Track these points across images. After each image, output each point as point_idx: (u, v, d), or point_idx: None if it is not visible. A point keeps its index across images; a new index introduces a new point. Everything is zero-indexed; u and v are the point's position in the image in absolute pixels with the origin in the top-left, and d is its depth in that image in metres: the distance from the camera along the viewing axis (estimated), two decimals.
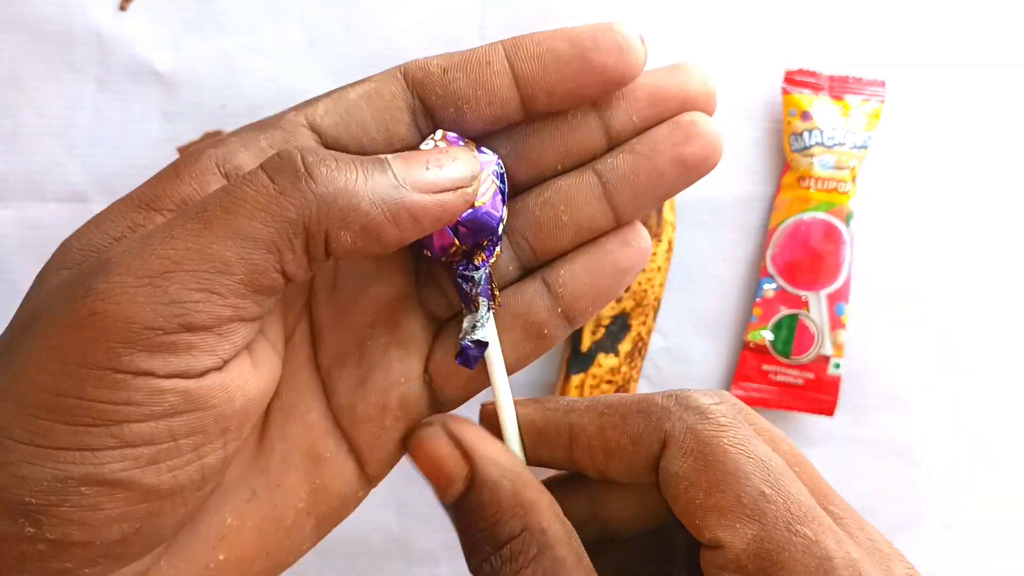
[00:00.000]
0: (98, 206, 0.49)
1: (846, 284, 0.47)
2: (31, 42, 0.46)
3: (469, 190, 0.23)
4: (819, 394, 0.47)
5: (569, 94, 0.24)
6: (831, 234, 0.47)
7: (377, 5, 0.48)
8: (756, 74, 0.48)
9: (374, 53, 0.47)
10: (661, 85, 0.25)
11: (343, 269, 0.26)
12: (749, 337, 0.48)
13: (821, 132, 0.47)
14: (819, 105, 0.47)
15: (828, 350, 0.47)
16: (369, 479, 0.27)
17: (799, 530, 0.21)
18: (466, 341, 0.25)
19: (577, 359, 0.46)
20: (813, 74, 0.48)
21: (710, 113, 0.25)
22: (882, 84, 0.48)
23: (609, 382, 0.46)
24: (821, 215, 0.47)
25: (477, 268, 0.25)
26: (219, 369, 0.21)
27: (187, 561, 0.23)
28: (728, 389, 0.48)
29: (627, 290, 0.45)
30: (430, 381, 0.26)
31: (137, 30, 0.47)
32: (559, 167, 0.26)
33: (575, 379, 0.46)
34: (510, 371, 0.26)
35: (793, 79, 0.48)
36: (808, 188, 0.47)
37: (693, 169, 0.25)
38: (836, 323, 0.47)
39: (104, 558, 0.21)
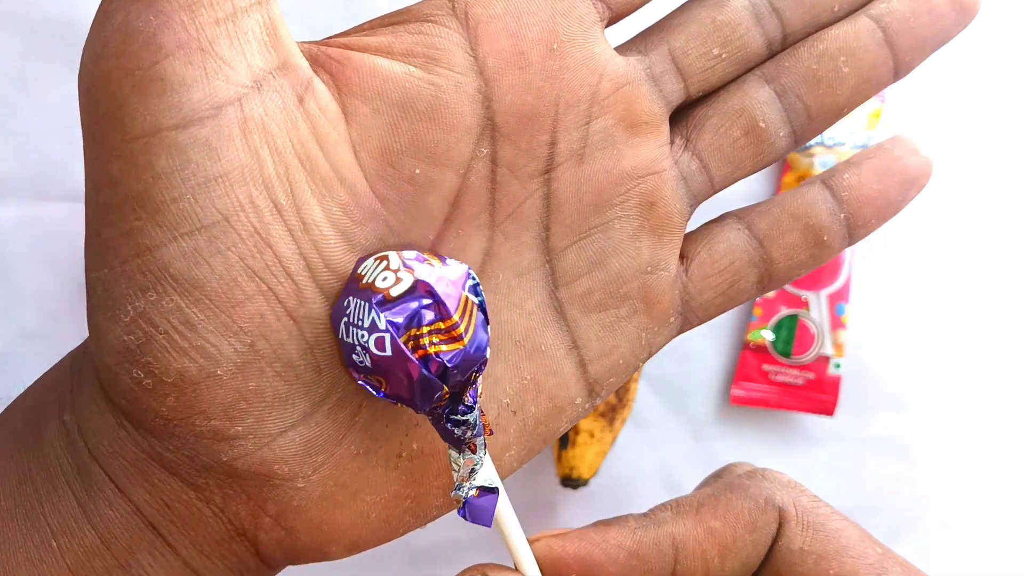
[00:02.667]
0: None
1: (846, 284, 0.47)
2: (33, 40, 0.46)
3: None
4: (819, 394, 0.47)
5: None
6: None
7: (377, 5, 0.48)
8: None
9: None
10: None
11: (593, 133, 0.23)
12: (749, 337, 0.48)
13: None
14: None
15: (828, 350, 0.47)
16: (590, 387, 0.24)
17: None
18: (468, 492, 0.21)
19: None
20: None
21: None
22: None
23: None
24: None
25: (470, 408, 0.20)
26: None
27: (376, 443, 0.22)
28: (728, 389, 0.48)
29: None
30: (685, 277, 0.24)
31: None
32: (835, 8, 0.24)
33: None
34: (787, 281, 0.24)
35: None
36: None
37: (968, 11, 0.23)
38: (836, 323, 0.47)
39: (246, 411, 0.20)
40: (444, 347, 0.20)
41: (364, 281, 0.20)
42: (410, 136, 0.21)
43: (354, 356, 0.20)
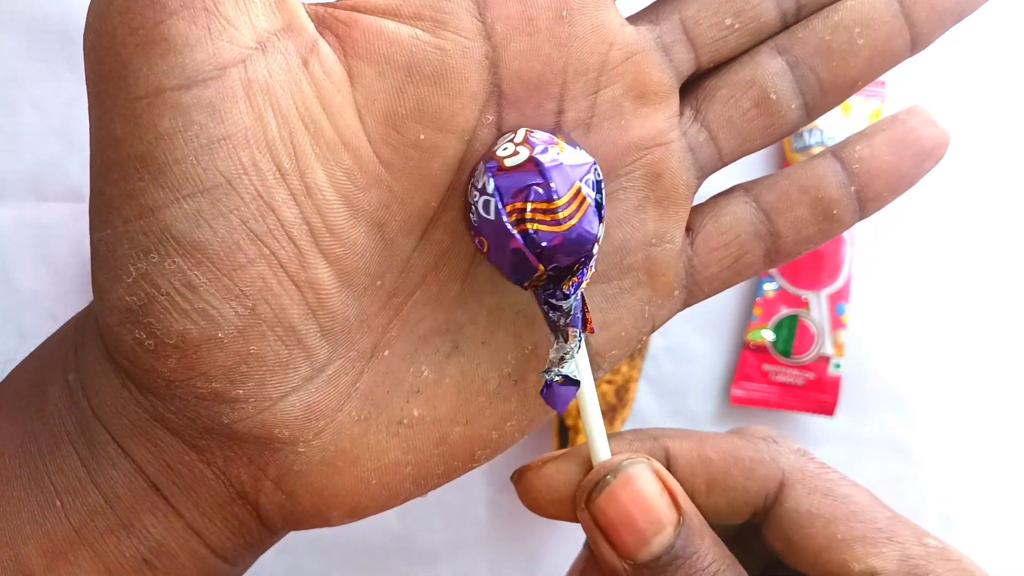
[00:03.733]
0: None
1: (847, 284, 0.47)
2: (31, 40, 0.46)
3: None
4: (820, 394, 0.47)
5: None
6: None
7: None
8: None
9: None
10: None
11: (600, 102, 0.22)
12: (749, 337, 0.48)
13: (822, 132, 0.47)
14: None
15: (829, 350, 0.47)
16: (592, 358, 0.24)
17: (928, 542, 0.22)
18: (552, 376, 0.21)
19: None
20: None
21: None
22: (882, 84, 0.48)
23: (609, 382, 0.46)
24: None
25: (567, 296, 0.21)
26: None
27: (378, 409, 0.22)
28: (728, 389, 0.48)
29: None
30: (691, 250, 0.24)
31: None
32: None
33: None
34: (795, 256, 0.24)
35: None
36: None
37: None
38: (837, 323, 0.47)
39: (247, 375, 0.20)
40: (544, 227, 0.20)
41: (492, 148, 0.21)
42: (415, 101, 0.21)
43: (470, 214, 0.21)
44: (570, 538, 0.48)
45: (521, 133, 0.21)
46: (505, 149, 0.21)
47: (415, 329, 0.22)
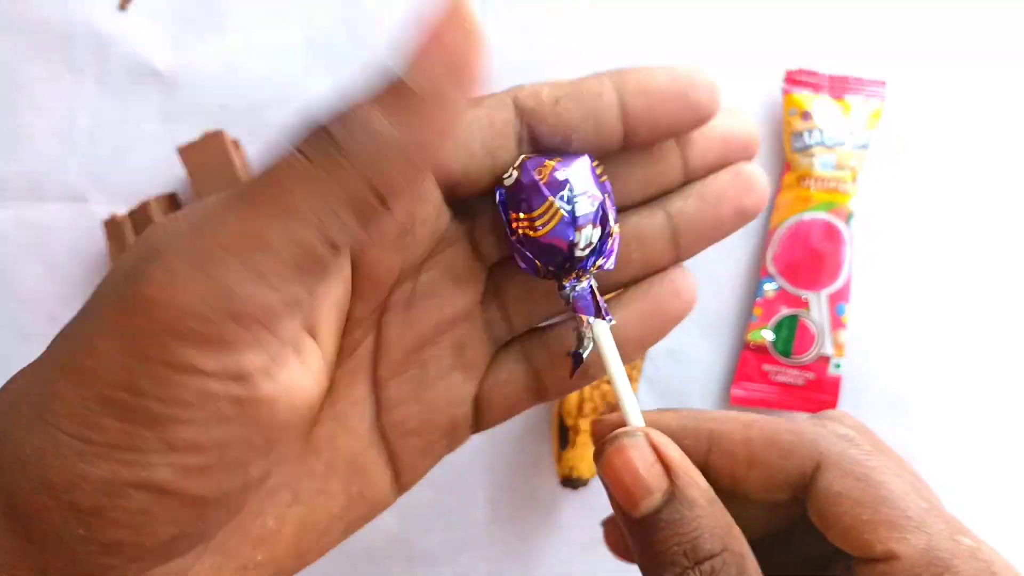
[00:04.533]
0: (97, 206, 0.49)
1: (847, 284, 0.47)
2: (31, 42, 0.46)
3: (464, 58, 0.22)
4: (819, 394, 0.47)
5: (667, 129, 0.25)
6: (831, 234, 0.47)
7: (377, 5, 0.48)
8: (756, 74, 0.48)
9: (375, 53, 0.47)
10: (730, 126, 0.27)
11: (420, 288, 0.26)
12: (749, 337, 0.48)
13: (821, 132, 0.47)
14: (819, 105, 0.47)
15: (829, 350, 0.47)
16: (400, 488, 0.27)
17: (961, 540, 0.23)
18: (574, 351, 0.26)
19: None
20: (813, 74, 0.48)
21: (755, 155, 0.27)
22: (882, 84, 0.48)
23: (610, 382, 0.46)
24: (821, 215, 0.47)
25: (563, 287, 0.25)
26: (269, 375, 0.21)
27: (228, 559, 0.24)
28: (728, 389, 0.48)
29: None
30: (477, 405, 0.27)
31: (137, 30, 0.47)
32: (640, 198, 0.27)
33: None
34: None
35: (793, 79, 0.48)
36: (808, 188, 0.47)
37: (748, 217, 0.27)
38: (837, 323, 0.47)
39: (150, 555, 0.21)
40: (530, 233, 0.25)
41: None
42: None
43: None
44: (570, 538, 0.48)
45: (520, 159, 0.25)
46: (506, 173, 0.25)
47: (263, 487, 0.24)
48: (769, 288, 0.48)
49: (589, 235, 0.25)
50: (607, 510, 0.27)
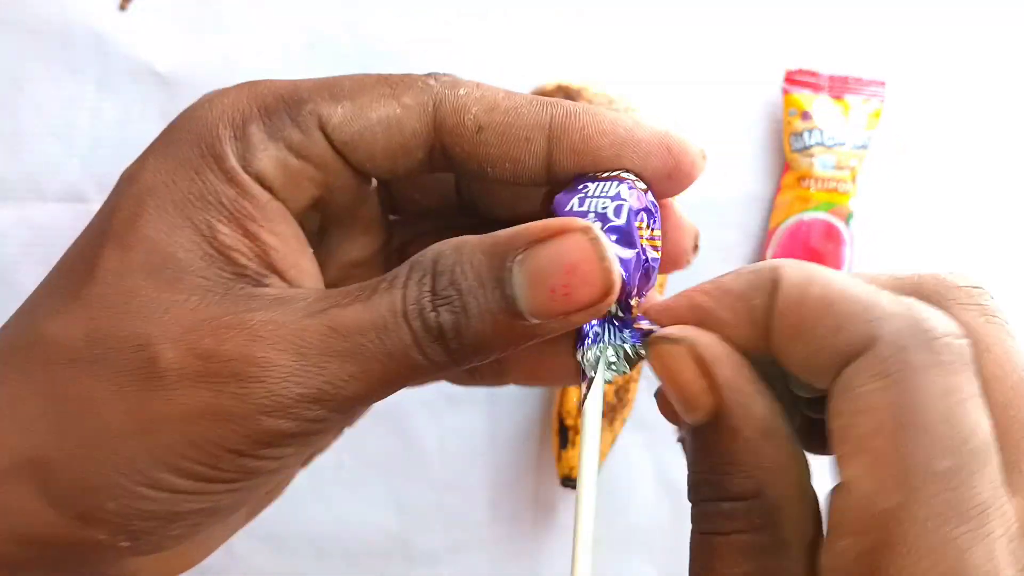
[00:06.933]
0: (98, 206, 0.49)
1: None
2: (31, 42, 0.46)
3: (603, 308, 0.21)
4: None
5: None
6: (831, 234, 0.47)
7: (378, 5, 0.48)
8: (756, 74, 0.48)
9: (374, 53, 0.47)
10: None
11: (334, 233, 0.26)
12: None
13: (821, 132, 0.47)
14: (819, 105, 0.47)
15: None
16: None
17: (948, 532, 0.17)
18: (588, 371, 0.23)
19: None
20: (813, 74, 0.48)
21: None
22: (882, 84, 0.48)
23: (608, 382, 0.46)
24: (821, 215, 0.47)
25: (627, 319, 0.23)
26: None
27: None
28: None
29: None
30: None
31: (137, 30, 0.47)
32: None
33: None
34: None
35: (793, 79, 0.48)
36: (808, 188, 0.47)
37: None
38: None
39: (159, 551, 0.22)
40: (651, 248, 0.23)
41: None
42: None
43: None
44: (570, 539, 0.48)
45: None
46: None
47: None
48: None
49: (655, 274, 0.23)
50: (606, 510, 0.27)
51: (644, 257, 0.22)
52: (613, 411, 0.46)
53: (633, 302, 0.23)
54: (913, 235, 0.49)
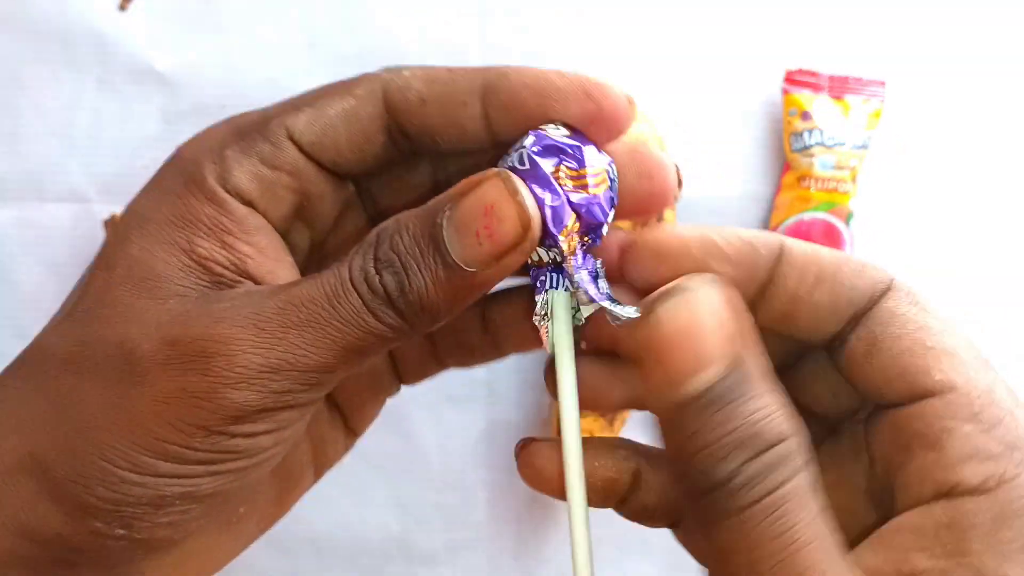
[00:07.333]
0: (98, 206, 0.49)
1: None
2: (31, 42, 0.46)
3: (527, 244, 0.22)
4: None
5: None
6: (831, 234, 0.47)
7: (378, 5, 0.48)
8: (756, 74, 0.48)
9: (374, 53, 0.47)
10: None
11: (328, 251, 0.27)
12: None
13: (821, 132, 0.47)
14: (819, 105, 0.47)
15: None
16: (353, 435, 0.30)
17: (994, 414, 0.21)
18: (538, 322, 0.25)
19: None
20: (813, 74, 0.48)
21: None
22: (882, 84, 0.48)
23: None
24: (821, 215, 0.47)
25: (574, 253, 0.24)
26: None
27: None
28: None
29: None
30: (391, 355, 0.29)
31: (137, 30, 0.47)
32: None
33: None
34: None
35: (793, 79, 0.48)
36: (808, 188, 0.47)
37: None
38: None
39: (162, 548, 0.23)
40: (579, 186, 0.23)
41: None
42: None
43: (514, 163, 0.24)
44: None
45: (523, 141, 0.23)
46: (507, 159, 0.24)
47: None
48: None
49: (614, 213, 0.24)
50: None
51: (565, 197, 0.23)
52: (613, 411, 0.46)
53: (586, 242, 0.24)
54: (913, 235, 0.49)
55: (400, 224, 0.22)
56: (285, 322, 0.21)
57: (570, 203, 0.23)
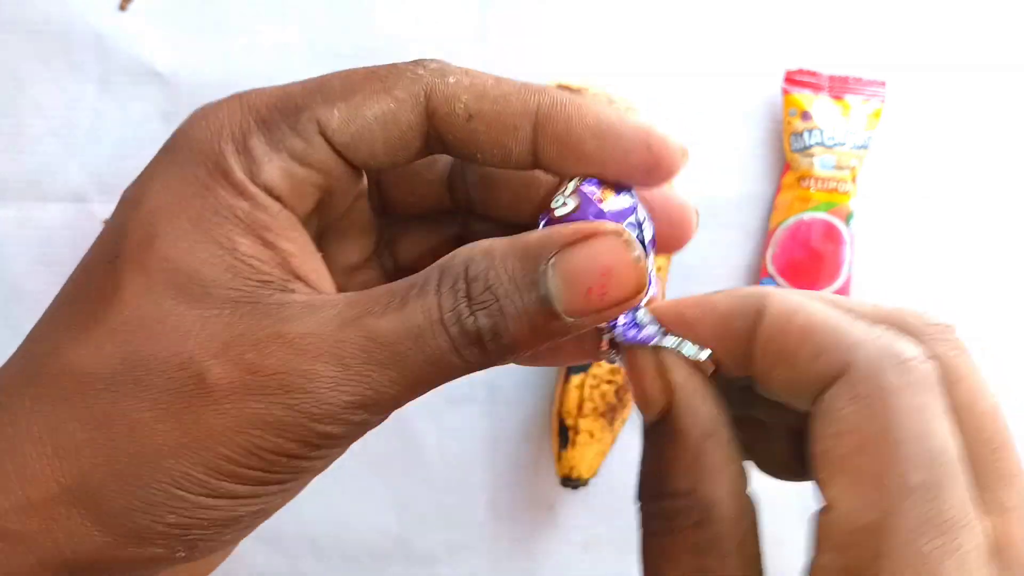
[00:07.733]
0: (98, 206, 0.49)
1: (846, 284, 0.47)
2: (32, 42, 0.46)
3: (635, 303, 0.21)
4: None
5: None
6: (831, 234, 0.47)
7: (377, 5, 0.48)
8: (756, 74, 0.48)
9: (374, 53, 0.47)
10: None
11: (333, 236, 0.27)
12: None
13: (821, 132, 0.47)
14: (819, 105, 0.47)
15: None
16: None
17: (923, 546, 0.18)
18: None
19: None
20: (813, 74, 0.48)
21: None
22: (882, 84, 0.48)
23: (609, 382, 0.46)
24: (821, 215, 0.47)
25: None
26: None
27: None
28: None
29: None
30: None
31: (137, 30, 0.47)
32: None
33: (575, 379, 0.46)
34: None
35: (793, 79, 0.48)
36: (808, 188, 0.47)
37: None
38: None
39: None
40: None
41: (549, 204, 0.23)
42: None
43: None
44: (570, 538, 0.48)
45: (572, 185, 0.23)
46: (557, 201, 0.23)
47: None
48: None
49: (652, 262, 0.23)
50: (606, 510, 0.27)
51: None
52: (613, 411, 0.46)
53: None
54: (913, 235, 0.49)
55: (495, 260, 0.21)
56: (369, 360, 0.20)
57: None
